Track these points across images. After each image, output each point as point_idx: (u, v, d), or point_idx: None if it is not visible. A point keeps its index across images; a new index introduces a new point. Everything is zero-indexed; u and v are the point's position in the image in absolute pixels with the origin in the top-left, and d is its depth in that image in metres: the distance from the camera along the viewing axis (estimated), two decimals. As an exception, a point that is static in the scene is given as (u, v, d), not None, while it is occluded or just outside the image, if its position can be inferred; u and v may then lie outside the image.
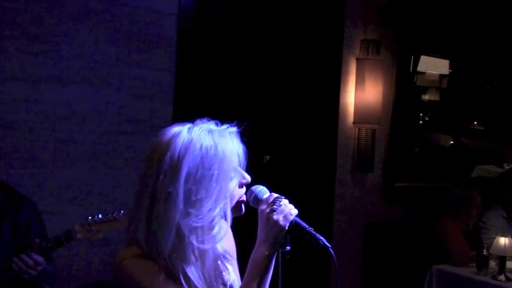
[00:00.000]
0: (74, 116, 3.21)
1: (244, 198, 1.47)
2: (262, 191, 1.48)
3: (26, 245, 2.41)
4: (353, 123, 4.56)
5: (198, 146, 1.35)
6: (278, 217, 1.40)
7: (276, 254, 1.43)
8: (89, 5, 3.23)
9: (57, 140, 3.15)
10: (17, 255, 2.33)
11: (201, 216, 1.34)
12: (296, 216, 1.43)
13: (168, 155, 1.35)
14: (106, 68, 3.30)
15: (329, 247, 1.39)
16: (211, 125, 1.42)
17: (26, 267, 2.32)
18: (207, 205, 1.34)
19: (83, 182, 3.24)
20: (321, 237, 1.39)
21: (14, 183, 2.84)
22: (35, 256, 2.34)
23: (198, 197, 1.34)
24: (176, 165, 1.34)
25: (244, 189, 1.47)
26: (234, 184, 1.42)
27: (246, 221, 1.55)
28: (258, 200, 1.46)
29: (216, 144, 1.36)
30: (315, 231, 1.41)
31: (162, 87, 3.52)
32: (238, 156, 1.42)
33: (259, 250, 1.42)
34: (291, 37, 4.18)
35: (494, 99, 5.77)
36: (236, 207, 1.45)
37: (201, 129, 1.39)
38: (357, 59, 4.54)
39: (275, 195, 1.46)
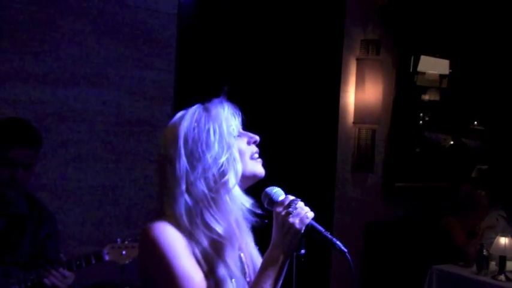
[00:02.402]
0: (74, 116, 3.20)
1: (258, 159, 1.50)
2: (278, 193, 1.46)
3: (42, 254, 2.43)
4: (353, 123, 4.56)
5: (191, 113, 1.47)
6: (294, 220, 1.39)
7: (290, 257, 1.41)
8: (89, 5, 3.23)
9: (57, 140, 3.15)
10: (46, 269, 2.34)
11: (207, 166, 1.39)
12: (312, 219, 1.41)
13: (168, 129, 1.47)
14: (106, 68, 3.30)
15: (346, 252, 1.38)
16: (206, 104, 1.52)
17: (57, 281, 2.34)
18: (211, 155, 1.40)
19: (82, 182, 3.24)
20: (338, 242, 1.38)
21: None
22: (63, 271, 2.36)
23: (200, 150, 1.41)
24: (174, 133, 1.44)
25: (254, 148, 1.50)
26: (240, 141, 1.47)
27: (261, 222, 1.55)
28: (273, 201, 1.45)
29: (209, 109, 1.47)
30: (331, 235, 1.39)
31: (162, 87, 3.51)
32: (236, 119, 1.50)
33: (274, 252, 1.41)
34: (291, 37, 4.18)
35: (494, 99, 5.77)
36: (252, 164, 1.48)
37: (191, 108, 1.50)
38: (357, 59, 4.54)
39: (291, 197, 1.45)
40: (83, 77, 3.22)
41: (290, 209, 1.41)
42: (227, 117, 1.47)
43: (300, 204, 1.43)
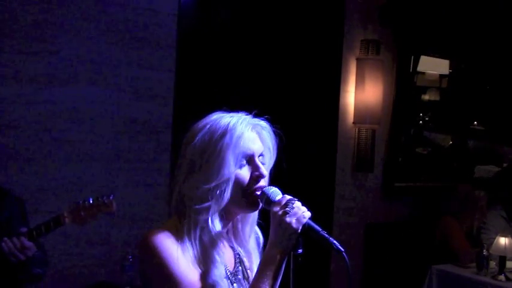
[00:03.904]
0: (74, 116, 3.21)
1: (258, 191, 1.45)
2: (275, 193, 1.46)
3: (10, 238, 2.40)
4: (353, 123, 4.55)
5: (213, 123, 1.44)
6: (291, 220, 1.39)
7: (287, 257, 1.41)
8: (89, 5, 3.23)
9: (57, 140, 3.15)
10: (8, 237, 2.33)
11: (196, 186, 1.41)
12: (309, 219, 1.41)
13: (194, 128, 1.47)
14: (106, 68, 3.30)
15: (343, 251, 1.38)
16: (243, 115, 1.49)
17: (15, 249, 2.32)
18: (203, 177, 1.41)
19: (82, 182, 3.24)
20: (334, 241, 1.38)
21: (14, 183, 2.84)
22: (24, 240, 2.34)
23: (197, 167, 1.42)
24: (193, 135, 1.44)
25: (262, 183, 1.46)
26: (243, 170, 1.44)
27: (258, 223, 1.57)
28: (270, 201, 1.44)
29: (229, 126, 1.43)
30: (328, 235, 1.39)
31: (162, 87, 3.52)
32: (258, 144, 1.47)
33: (271, 252, 1.41)
34: (291, 37, 4.18)
35: (494, 99, 5.77)
36: (247, 197, 1.45)
37: (228, 114, 1.47)
38: (357, 59, 4.54)
39: (288, 197, 1.45)
40: (83, 77, 3.22)
41: (287, 209, 1.41)
42: (246, 141, 1.44)
43: (297, 203, 1.43)
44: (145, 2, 3.43)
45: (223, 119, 1.45)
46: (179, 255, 1.38)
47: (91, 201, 2.47)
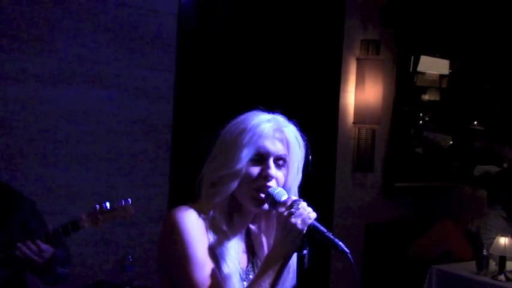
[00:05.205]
0: (74, 116, 3.21)
1: (263, 193, 1.46)
2: (280, 193, 1.45)
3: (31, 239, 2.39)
4: (353, 123, 4.55)
5: (243, 119, 1.50)
6: (296, 220, 1.39)
7: (291, 257, 1.41)
8: (89, 5, 3.23)
9: (57, 140, 3.15)
10: (22, 242, 2.31)
11: (212, 171, 1.48)
12: (314, 220, 1.41)
13: (225, 126, 1.52)
14: (106, 68, 3.30)
15: (348, 252, 1.37)
16: (277, 116, 1.57)
17: (31, 253, 2.30)
18: (219, 164, 1.46)
19: (82, 181, 3.24)
20: (340, 242, 1.37)
21: (14, 183, 2.84)
22: (40, 243, 2.32)
23: (214, 157, 1.49)
24: (222, 130, 1.51)
25: (272, 183, 1.47)
26: (254, 166, 1.46)
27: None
28: (275, 202, 1.44)
29: (253, 123, 1.47)
30: (334, 236, 1.38)
31: (162, 87, 3.52)
32: (276, 148, 1.49)
33: (275, 252, 1.41)
34: (291, 37, 4.18)
35: (494, 99, 5.77)
36: (253, 195, 1.46)
37: (262, 113, 1.53)
38: (357, 59, 4.54)
39: (293, 197, 1.45)
40: (83, 77, 3.22)
41: (292, 210, 1.40)
42: (263, 139, 1.46)
43: (303, 204, 1.42)
44: (145, 2, 3.43)
45: (254, 116, 1.50)
46: (200, 238, 1.41)
47: (107, 206, 2.48)
